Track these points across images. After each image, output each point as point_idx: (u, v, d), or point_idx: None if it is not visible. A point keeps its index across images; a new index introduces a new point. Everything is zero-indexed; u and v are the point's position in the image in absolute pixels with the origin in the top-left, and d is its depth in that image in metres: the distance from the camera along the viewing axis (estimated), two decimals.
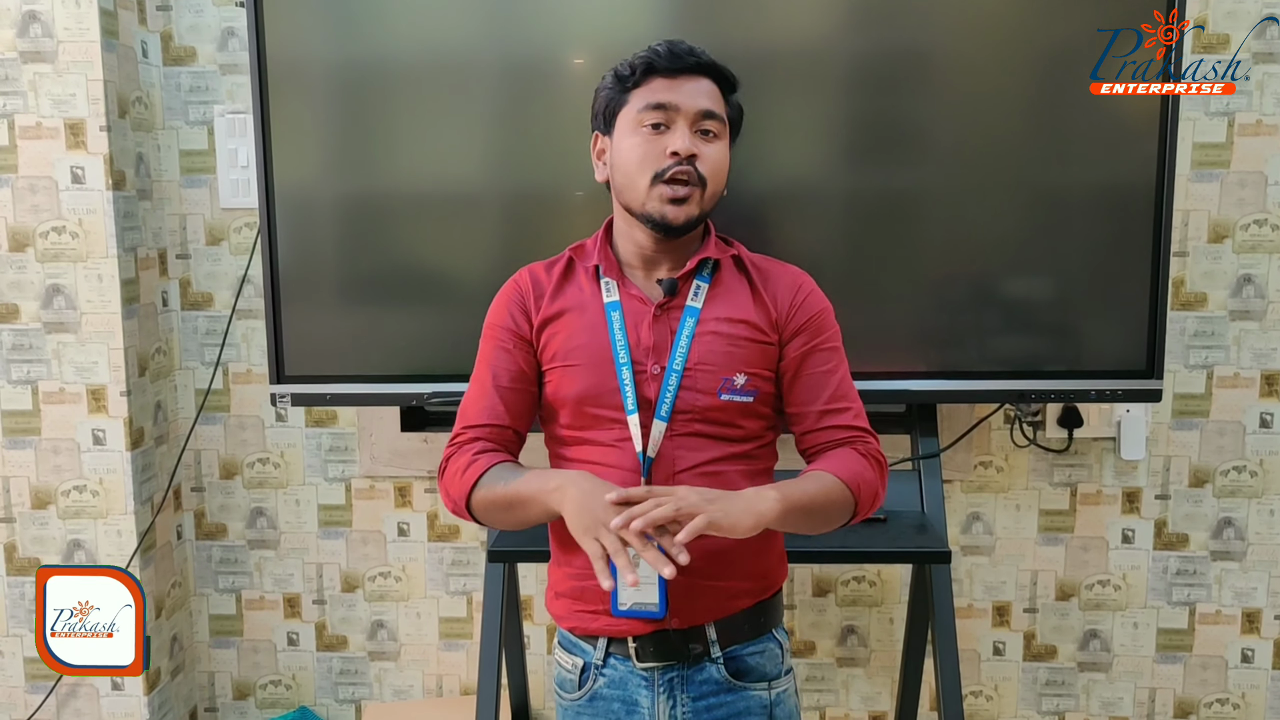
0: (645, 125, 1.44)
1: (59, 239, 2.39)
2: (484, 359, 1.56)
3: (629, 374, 1.45)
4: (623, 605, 1.43)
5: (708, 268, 1.50)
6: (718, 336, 1.46)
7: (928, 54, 2.09)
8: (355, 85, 2.17)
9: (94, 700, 2.52)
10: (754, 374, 1.46)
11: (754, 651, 1.51)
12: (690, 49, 1.46)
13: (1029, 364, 2.13)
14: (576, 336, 1.49)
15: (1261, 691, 2.64)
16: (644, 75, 1.45)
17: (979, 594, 2.64)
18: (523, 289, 1.55)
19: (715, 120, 1.45)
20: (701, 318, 1.47)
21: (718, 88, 1.48)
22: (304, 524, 2.69)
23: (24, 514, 2.49)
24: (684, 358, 1.45)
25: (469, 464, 1.46)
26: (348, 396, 2.21)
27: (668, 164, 1.41)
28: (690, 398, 1.44)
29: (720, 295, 1.49)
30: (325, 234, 2.21)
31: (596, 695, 1.50)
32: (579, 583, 1.49)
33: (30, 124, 2.35)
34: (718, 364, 1.45)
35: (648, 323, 1.47)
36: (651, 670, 1.47)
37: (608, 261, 1.51)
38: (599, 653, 1.50)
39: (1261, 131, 2.42)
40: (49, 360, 2.43)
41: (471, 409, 1.53)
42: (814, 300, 1.52)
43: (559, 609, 1.55)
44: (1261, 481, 2.55)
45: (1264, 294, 2.48)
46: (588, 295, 1.51)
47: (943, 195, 2.10)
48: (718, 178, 1.46)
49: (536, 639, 2.69)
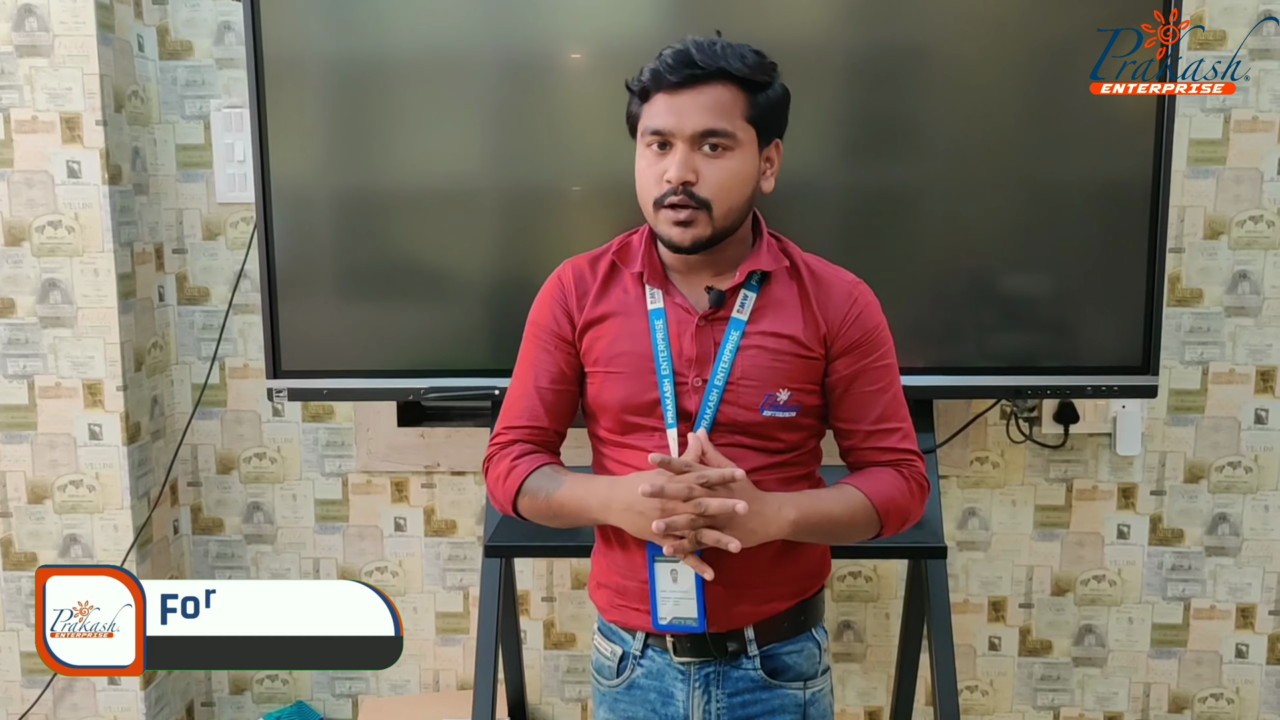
0: (650, 145, 1.39)
1: (55, 233, 2.39)
2: (525, 358, 1.52)
3: (670, 386, 1.42)
4: (663, 620, 1.44)
5: (756, 277, 1.45)
6: (762, 351, 1.42)
7: (924, 50, 2.09)
8: (352, 80, 2.16)
9: (90, 695, 2.52)
10: (798, 389, 1.43)
11: (791, 650, 1.50)
12: (697, 53, 1.35)
13: (1025, 359, 2.14)
14: (619, 343, 1.45)
15: (1255, 686, 2.65)
16: (649, 92, 1.39)
17: (975, 589, 2.64)
18: (565, 288, 1.50)
19: (720, 136, 1.35)
20: (746, 331, 1.42)
21: (739, 90, 1.37)
22: (301, 519, 2.69)
23: (20, 509, 2.49)
24: (726, 372, 1.41)
25: (509, 470, 1.46)
26: (344, 391, 2.21)
27: (665, 190, 1.36)
28: (732, 412, 1.41)
29: (768, 307, 1.44)
30: (322, 229, 2.21)
31: (634, 684, 1.51)
32: (623, 580, 1.49)
33: (26, 118, 2.35)
34: (761, 379, 1.41)
35: (691, 334, 1.43)
36: (688, 665, 1.47)
37: (652, 268, 1.45)
38: (638, 644, 1.50)
39: (1258, 128, 2.43)
40: (45, 355, 2.43)
41: (513, 409, 1.51)
42: (868, 316, 1.46)
43: (601, 599, 1.54)
44: (1256, 477, 2.56)
45: (1259, 290, 2.49)
46: (632, 299, 1.46)
47: (939, 191, 2.11)
48: (725, 196, 1.37)
49: (533, 634, 2.70)
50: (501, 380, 2.12)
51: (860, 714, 2.71)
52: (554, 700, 2.73)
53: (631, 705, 1.51)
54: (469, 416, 2.64)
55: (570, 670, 2.72)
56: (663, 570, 1.42)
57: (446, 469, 2.64)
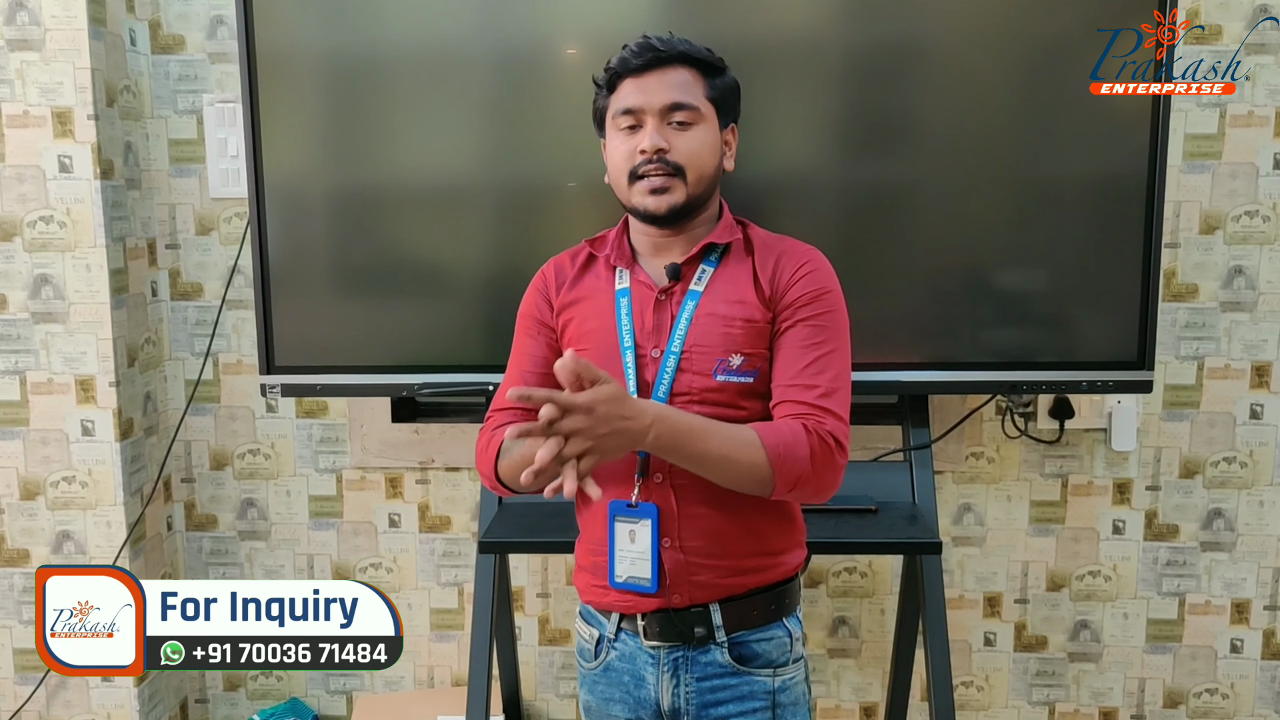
0: (622, 128, 1.50)
1: (47, 228, 2.38)
2: (515, 346, 1.62)
3: (631, 357, 1.49)
4: (618, 578, 1.50)
5: (715, 252, 1.53)
6: (714, 318, 1.48)
7: (919, 46, 2.09)
8: (345, 74, 2.15)
9: (84, 692, 2.51)
10: (752, 354, 1.47)
11: (761, 639, 1.52)
12: (658, 41, 1.49)
13: (1021, 355, 2.13)
14: (588, 322, 1.54)
15: (1250, 681, 2.65)
16: (616, 79, 1.51)
17: (970, 585, 2.64)
18: (547, 278, 1.61)
19: (685, 110, 1.47)
20: (701, 301, 1.49)
21: (698, 73, 1.50)
22: (295, 515, 2.68)
23: (12, 505, 2.48)
24: (682, 340, 1.47)
25: (488, 441, 1.53)
26: (338, 387, 2.20)
27: (639, 161, 1.47)
28: (687, 380, 1.46)
29: (724, 278, 1.51)
30: (316, 224, 2.20)
31: (609, 666, 1.57)
32: (594, 557, 1.55)
33: (17, 112, 2.34)
34: (713, 345, 1.46)
35: (651, 307, 1.51)
36: (658, 649, 1.52)
37: (620, 251, 1.55)
38: (611, 627, 1.56)
39: (1253, 123, 2.42)
40: (37, 350, 2.42)
41: (501, 394, 1.57)
42: (815, 278, 1.49)
43: (580, 582, 1.61)
44: (1251, 473, 2.56)
45: (1255, 285, 2.48)
46: (603, 283, 1.56)
47: (934, 187, 2.10)
48: (697, 162, 1.48)
49: (528, 630, 2.69)
50: (496, 376, 2.12)
51: (855, 710, 2.71)
52: (549, 696, 2.73)
53: (609, 687, 1.57)
54: (463, 412, 2.64)
55: (565, 666, 2.72)
56: (621, 530, 1.48)
57: (441, 465, 2.63)
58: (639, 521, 1.47)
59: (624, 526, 1.49)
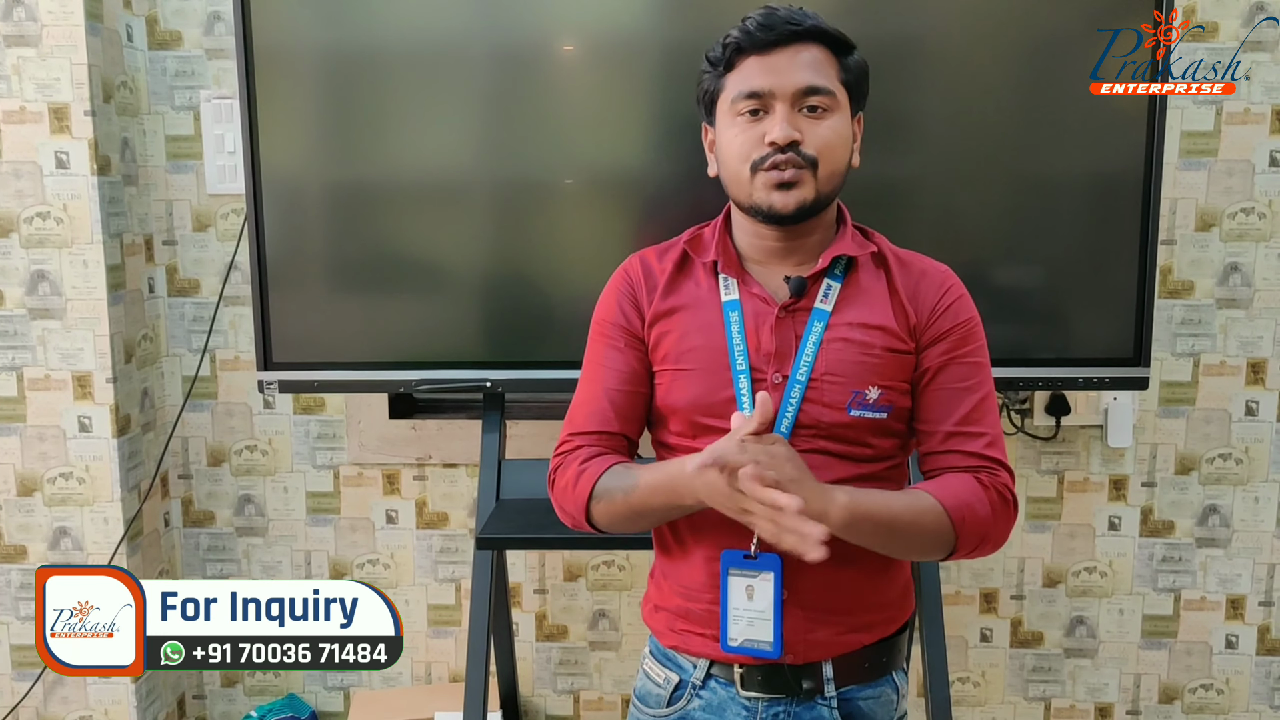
0: (742, 113, 1.28)
1: (43, 224, 2.37)
2: (592, 358, 1.39)
3: (746, 383, 1.29)
4: (733, 641, 1.29)
5: (841, 265, 1.33)
6: (849, 344, 1.29)
7: (920, 45, 2.09)
8: (343, 71, 2.15)
9: (81, 689, 2.51)
10: (889, 387, 1.29)
11: (869, 696, 1.35)
12: (789, 15, 1.27)
13: (1017, 351, 2.13)
14: (691, 337, 1.32)
15: (1245, 677, 2.66)
16: (735, 55, 1.29)
17: (966, 581, 2.65)
18: (633, 280, 1.38)
19: (821, 95, 1.27)
20: (831, 322, 1.30)
21: (830, 53, 1.29)
22: (292, 511, 2.68)
23: (9, 501, 2.47)
24: (810, 367, 1.28)
25: (578, 476, 1.32)
26: (336, 383, 2.20)
27: (765, 153, 1.26)
28: (816, 412, 1.28)
29: (854, 296, 1.32)
30: (313, 220, 2.20)
31: (688, 716, 1.36)
32: (686, 602, 1.35)
33: (14, 108, 2.33)
34: (848, 375, 1.28)
35: (770, 325, 1.30)
36: (755, 701, 1.32)
37: (726, 256, 1.34)
38: (699, 672, 1.35)
39: (1249, 120, 2.43)
40: (34, 346, 2.42)
41: (579, 414, 1.38)
42: (962, 306, 1.33)
43: (659, 623, 1.40)
44: (1247, 469, 2.57)
45: (1250, 282, 2.49)
46: (704, 291, 1.34)
47: (934, 184, 2.11)
48: (832, 156, 1.28)
49: (525, 626, 2.70)
50: (493, 372, 2.14)
51: None
52: (546, 692, 2.73)
53: None
54: (460, 409, 2.64)
55: (562, 663, 2.72)
56: (736, 585, 1.29)
57: (438, 461, 2.63)
58: (759, 575, 1.27)
59: (740, 581, 1.28)
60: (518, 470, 2.23)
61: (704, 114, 1.36)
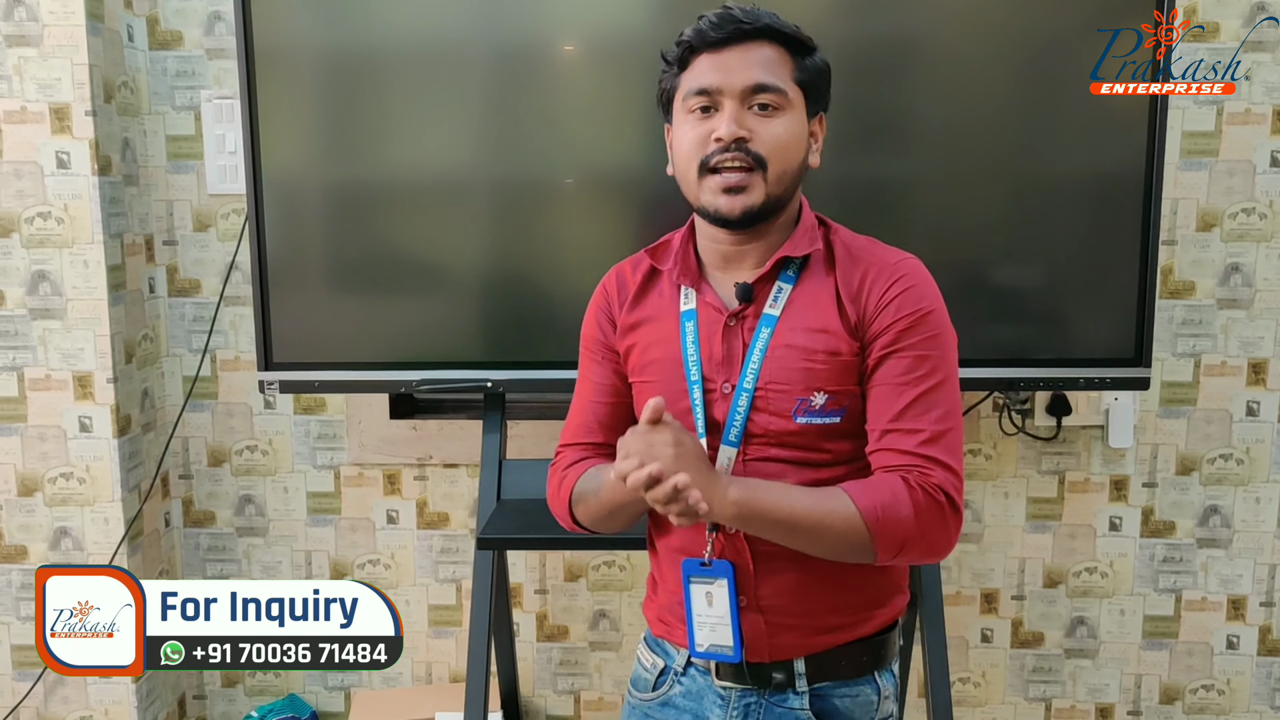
0: (693, 110, 1.27)
1: (44, 224, 2.37)
2: (580, 374, 1.44)
3: (699, 393, 1.29)
4: (700, 646, 1.33)
5: (792, 266, 1.30)
6: (792, 350, 1.26)
7: (920, 45, 2.09)
8: (343, 71, 2.15)
9: (81, 689, 2.51)
10: (838, 391, 1.26)
11: (845, 694, 1.33)
12: (743, 14, 1.26)
13: (1018, 352, 2.14)
14: (652, 350, 1.34)
15: (1246, 678, 2.66)
16: (689, 54, 1.28)
17: (967, 581, 2.65)
18: (609, 294, 1.40)
19: (771, 93, 1.25)
20: (779, 328, 1.28)
21: (786, 52, 1.28)
22: (293, 511, 2.68)
23: (10, 501, 2.47)
24: (755, 375, 1.27)
25: (560, 483, 1.39)
26: (336, 383, 2.20)
27: (713, 149, 1.25)
28: (764, 420, 1.27)
29: (803, 299, 1.29)
30: (314, 221, 2.20)
31: (669, 701, 1.40)
32: (670, 596, 1.38)
33: (15, 108, 2.33)
34: (791, 382, 1.26)
35: (720, 334, 1.30)
36: (729, 690, 1.34)
37: (685, 264, 1.33)
38: (681, 660, 1.39)
39: (1250, 120, 2.43)
40: (35, 346, 2.42)
41: (569, 427, 1.43)
42: (911, 297, 1.27)
43: (650, 613, 1.44)
44: (1248, 469, 2.57)
45: (1251, 282, 2.49)
46: (666, 302, 1.35)
47: (934, 184, 2.11)
48: (782, 155, 1.26)
49: (526, 627, 2.70)
50: (493, 372, 2.14)
51: None
52: (547, 693, 2.73)
53: None
54: (461, 409, 2.64)
55: (563, 663, 2.72)
56: (697, 592, 1.31)
57: (439, 461, 2.63)
58: (714, 582, 1.29)
59: (700, 588, 1.31)
60: (518, 470, 2.23)
61: (663, 113, 1.35)
